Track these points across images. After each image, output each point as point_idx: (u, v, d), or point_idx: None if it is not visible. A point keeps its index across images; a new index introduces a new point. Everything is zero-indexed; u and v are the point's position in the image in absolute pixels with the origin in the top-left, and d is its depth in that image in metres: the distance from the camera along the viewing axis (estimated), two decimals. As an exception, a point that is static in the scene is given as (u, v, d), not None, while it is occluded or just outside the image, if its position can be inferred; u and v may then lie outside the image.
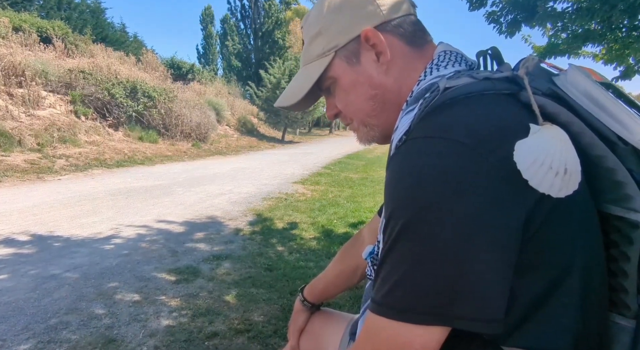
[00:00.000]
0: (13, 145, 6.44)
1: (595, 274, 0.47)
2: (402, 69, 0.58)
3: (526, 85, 0.48)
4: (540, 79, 0.51)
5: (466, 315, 0.41)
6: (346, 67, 0.60)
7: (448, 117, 0.47)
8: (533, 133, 0.43)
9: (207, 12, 30.49)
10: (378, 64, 0.58)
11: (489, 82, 0.50)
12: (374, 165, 9.95)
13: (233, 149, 12.34)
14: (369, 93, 0.59)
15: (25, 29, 9.94)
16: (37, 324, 1.87)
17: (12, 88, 7.66)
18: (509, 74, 0.51)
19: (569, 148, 0.44)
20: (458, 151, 0.42)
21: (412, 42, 0.59)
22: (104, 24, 17.08)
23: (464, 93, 0.49)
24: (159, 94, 10.26)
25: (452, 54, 0.58)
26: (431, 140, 0.45)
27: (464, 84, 0.50)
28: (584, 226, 0.46)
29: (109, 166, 7.16)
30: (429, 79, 0.55)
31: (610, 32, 3.46)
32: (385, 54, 0.57)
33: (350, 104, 0.62)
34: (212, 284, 2.40)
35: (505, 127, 0.45)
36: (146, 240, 3.20)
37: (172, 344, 1.73)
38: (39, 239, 3.11)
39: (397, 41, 0.58)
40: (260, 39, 25.81)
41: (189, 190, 5.35)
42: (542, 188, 0.42)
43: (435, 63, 0.57)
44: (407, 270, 0.43)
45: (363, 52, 0.58)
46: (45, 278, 2.40)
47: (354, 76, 0.59)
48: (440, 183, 0.42)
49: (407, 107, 0.54)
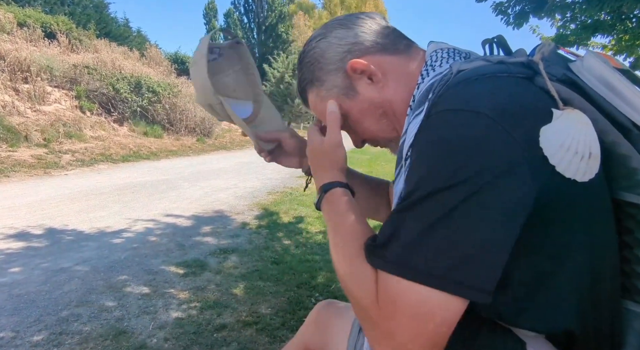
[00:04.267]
0: (20, 141, 6.50)
1: (606, 260, 0.47)
2: (397, 77, 0.60)
3: (541, 71, 0.48)
4: (555, 65, 0.51)
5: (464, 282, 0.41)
6: (348, 102, 0.63)
7: (469, 91, 0.47)
8: (557, 118, 0.43)
9: (210, 6, 30.35)
10: (374, 84, 0.60)
11: (503, 65, 0.50)
12: (379, 159, 9.92)
13: (237, 143, 12.36)
14: (378, 113, 0.62)
15: (29, 24, 9.98)
16: (49, 316, 1.89)
17: (18, 84, 7.71)
18: (524, 59, 0.51)
19: (592, 131, 0.44)
20: (484, 123, 0.42)
21: (394, 50, 0.61)
22: (108, 19, 17.09)
23: (478, 74, 0.49)
24: (163, 89, 10.27)
25: (444, 51, 0.59)
26: (456, 112, 0.44)
27: (477, 66, 0.50)
28: (596, 211, 0.46)
29: (114, 161, 7.21)
30: (427, 81, 0.56)
31: (620, 22, 3.41)
32: (376, 73, 0.59)
33: (368, 130, 0.65)
34: (219, 277, 2.42)
35: (527, 104, 0.45)
36: (153, 234, 3.22)
37: (182, 336, 1.75)
38: (48, 233, 3.15)
39: (381, 56, 0.60)
40: (263, 33, 25.71)
41: (195, 185, 5.37)
42: (569, 173, 0.42)
43: (430, 64, 0.58)
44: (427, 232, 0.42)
45: (355, 82, 0.61)
46: (56, 271, 2.43)
47: (359, 105, 0.62)
48: (468, 154, 0.41)
49: (412, 112, 0.55)
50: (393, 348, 0.43)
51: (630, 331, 0.49)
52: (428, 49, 0.61)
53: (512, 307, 0.46)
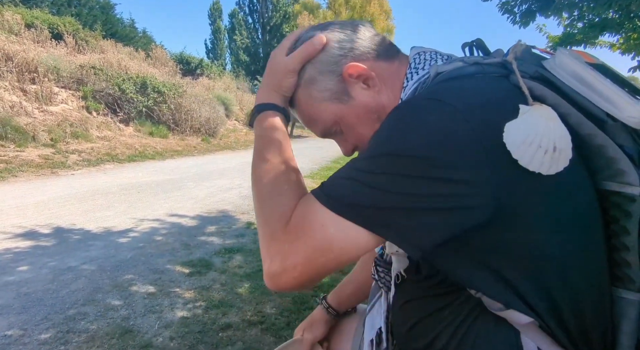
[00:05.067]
0: (27, 141, 6.56)
1: (591, 250, 0.48)
2: (391, 83, 0.62)
3: (514, 69, 0.50)
4: (529, 63, 0.53)
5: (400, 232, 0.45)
6: (342, 107, 0.62)
7: (441, 86, 0.51)
8: (522, 113, 0.45)
9: (215, 6, 30.46)
10: (369, 89, 0.61)
11: (478, 66, 0.54)
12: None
13: (242, 143, 12.39)
14: (372, 118, 0.62)
15: (37, 25, 10.07)
16: (56, 315, 1.91)
17: (26, 84, 7.78)
18: (499, 59, 0.54)
19: (558, 125, 0.45)
20: (444, 110, 0.45)
21: (388, 57, 0.62)
22: (114, 20, 17.21)
23: (456, 75, 0.53)
24: (168, 89, 10.32)
25: (426, 54, 0.62)
26: (423, 101, 0.49)
27: (454, 68, 0.54)
28: (575, 201, 0.47)
29: (120, 161, 7.26)
30: (411, 84, 0.59)
31: (628, 21, 3.37)
32: (372, 78, 0.60)
33: (362, 136, 0.64)
34: (224, 276, 2.43)
35: (493, 100, 0.47)
36: (159, 234, 3.24)
37: (187, 335, 1.76)
38: (55, 232, 3.17)
39: (375, 62, 0.61)
40: (268, 33, 25.75)
41: (200, 185, 5.40)
42: (532, 167, 0.43)
43: (413, 67, 0.61)
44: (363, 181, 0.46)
45: (350, 87, 0.61)
46: (63, 270, 2.45)
47: (353, 111, 0.62)
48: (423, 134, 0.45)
49: None
50: (282, 268, 0.47)
51: (625, 320, 0.49)
52: (411, 53, 0.64)
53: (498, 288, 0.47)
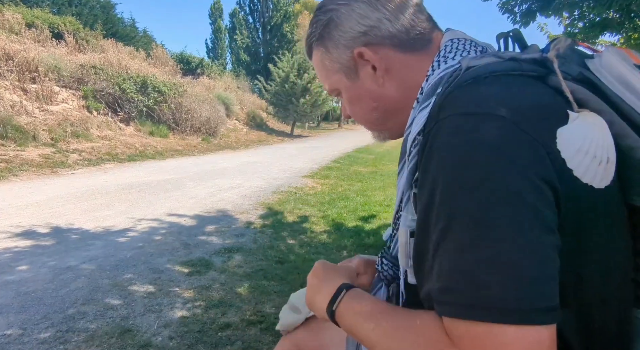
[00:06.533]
0: (28, 140, 6.57)
1: (616, 267, 0.45)
2: (402, 76, 0.57)
3: (555, 69, 0.45)
4: (571, 62, 0.48)
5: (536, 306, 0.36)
6: (347, 82, 0.61)
7: (479, 92, 0.44)
8: (573, 120, 0.42)
9: (215, 6, 30.45)
10: (375, 76, 0.58)
11: (515, 62, 0.47)
12: (384, 159, 9.90)
13: (242, 143, 12.39)
14: (371, 105, 0.60)
15: (37, 25, 10.08)
16: (56, 314, 1.91)
17: (26, 84, 7.79)
18: (537, 56, 0.48)
19: (609, 135, 0.42)
20: (500, 126, 0.40)
21: (410, 48, 0.57)
22: (114, 19, 17.22)
23: (488, 72, 0.46)
24: (169, 89, 10.33)
25: (460, 42, 0.56)
26: (467, 116, 0.42)
27: (487, 63, 0.48)
28: (611, 217, 0.44)
29: (120, 160, 7.26)
30: (437, 73, 0.53)
31: (629, 20, 3.36)
32: (379, 67, 0.57)
33: (356, 114, 0.64)
34: (224, 276, 2.43)
35: (542, 104, 0.43)
36: (159, 233, 3.24)
37: (186, 335, 1.76)
38: (55, 232, 3.18)
39: (392, 52, 0.57)
40: (268, 33, 25.74)
41: (200, 184, 5.40)
42: (586, 178, 0.40)
43: (443, 55, 0.55)
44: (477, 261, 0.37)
45: (360, 68, 0.59)
46: (63, 269, 2.45)
47: (355, 90, 0.60)
48: (488, 160, 0.38)
49: (419, 105, 0.53)
50: None
51: (639, 339, 0.47)
52: (444, 37, 0.58)
53: None
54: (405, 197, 0.50)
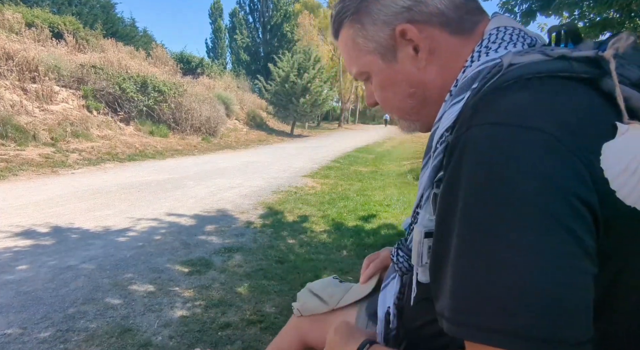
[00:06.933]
0: (28, 140, 6.57)
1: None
2: (445, 61, 0.51)
3: (612, 71, 0.39)
4: (633, 64, 0.43)
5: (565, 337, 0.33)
6: (381, 64, 0.54)
7: (518, 99, 0.39)
8: (621, 134, 0.37)
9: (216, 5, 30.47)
10: (417, 59, 0.52)
11: (565, 61, 0.42)
12: (384, 158, 9.90)
13: (242, 142, 12.39)
14: (407, 91, 0.54)
15: (37, 24, 10.08)
16: (56, 313, 1.91)
17: (26, 83, 7.79)
18: (591, 54, 0.42)
19: None
20: (542, 141, 0.36)
21: (457, 29, 0.51)
22: (114, 19, 17.22)
23: (532, 72, 0.41)
24: (169, 89, 10.33)
25: (507, 32, 0.49)
26: (504, 128, 0.37)
27: (532, 62, 0.42)
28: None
29: (120, 160, 7.26)
30: (476, 65, 0.48)
31: (629, 20, 3.36)
32: (423, 48, 0.51)
33: (387, 100, 0.58)
34: (224, 275, 2.43)
35: (589, 115, 0.38)
36: (159, 233, 3.24)
37: (186, 334, 1.76)
38: (55, 231, 3.18)
39: (438, 32, 0.51)
40: (269, 33, 25.75)
41: (200, 184, 5.40)
42: (630, 201, 0.36)
43: (485, 45, 0.49)
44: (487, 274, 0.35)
45: (400, 48, 0.52)
46: (63, 269, 2.45)
47: (391, 74, 0.54)
48: (523, 179, 0.35)
49: (451, 99, 0.48)
50: None
51: None
52: (490, 24, 0.51)
53: None
54: (426, 194, 0.48)
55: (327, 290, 0.86)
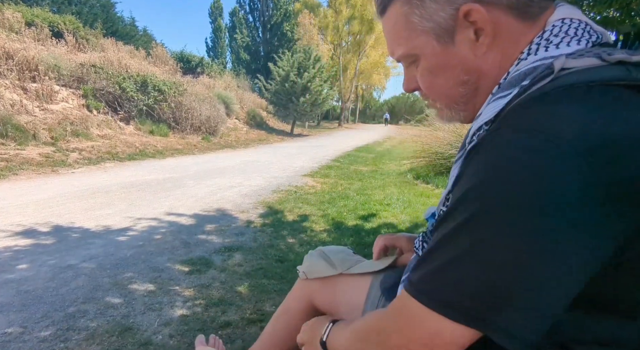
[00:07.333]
0: (28, 139, 6.57)
1: None
2: (506, 48, 0.47)
3: None
4: None
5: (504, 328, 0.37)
6: (436, 46, 0.49)
7: (557, 110, 0.37)
8: None
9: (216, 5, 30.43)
10: (476, 44, 0.47)
11: (622, 68, 0.39)
12: (384, 158, 9.90)
13: (242, 142, 12.39)
14: (461, 78, 0.50)
15: (37, 23, 10.08)
16: (56, 312, 1.91)
17: (26, 82, 7.79)
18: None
19: None
20: (556, 154, 0.35)
21: (524, 13, 0.46)
22: (114, 18, 17.22)
23: (584, 81, 0.39)
24: (169, 88, 10.32)
25: (572, 25, 0.45)
26: (531, 133, 0.37)
27: (586, 68, 0.40)
28: None
29: (121, 159, 7.26)
30: (532, 59, 0.44)
31: (629, 19, 3.35)
32: (487, 33, 0.46)
33: (435, 87, 0.53)
34: (224, 274, 2.43)
35: (632, 137, 0.36)
36: (159, 232, 3.25)
37: (187, 333, 1.76)
38: (55, 230, 3.18)
39: (504, 15, 0.46)
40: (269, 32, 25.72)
41: (200, 183, 5.40)
42: None
43: (546, 37, 0.45)
44: (458, 261, 0.38)
45: (459, 30, 0.47)
46: (63, 268, 2.45)
47: (445, 58, 0.49)
48: (528, 186, 0.35)
49: (498, 92, 0.46)
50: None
51: None
52: (554, 13, 0.47)
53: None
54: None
55: (339, 255, 0.85)
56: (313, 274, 0.85)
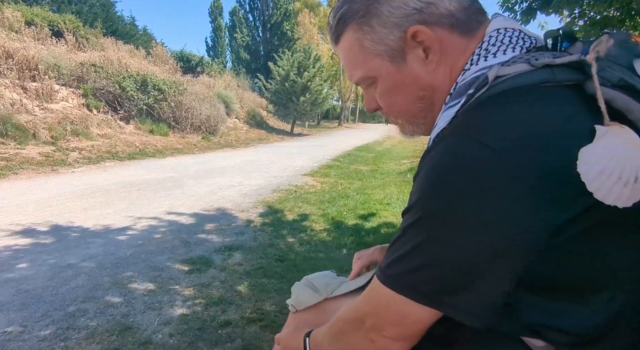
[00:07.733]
0: (28, 139, 6.57)
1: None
2: (453, 62, 0.52)
3: (593, 75, 0.41)
4: (616, 64, 0.44)
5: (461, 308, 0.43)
6: (390, 67, 0.53)
7: (486, 115, 0.43)
8: (599, 137, 0.38)
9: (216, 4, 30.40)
10: (426, 61, 0.52)
11: (548, 71, 0.44)
12: (384, 157, 9.90)
13: (242, 141, 12.39)
14: (417, 94, 0.54)
15: (37, 23, 10.07)
16: (56, 311, 1.92)
17: (26, 82, 7.78)
18: (575, 59, 0.43)
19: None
20: (483, 155, 0.40)
21: (465, 29, 0.51)
22: (114, 18, 17.20)
23: (515, 86, 0.43)
24: (169, 87, 10.31)
25: (507, 34, 0.50)
26: (459, 139, 0.43)
27: (516, 74, 0.44)
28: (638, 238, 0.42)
29: (120, 159, 7.26)
30: (475, 69, 0.49)
31: (629, 18, 3.36)
32: (434, 50, 0.51)
33: (394, 105, 0.57)
34: (224, 274, 2.43)
35: (553, 131, 0.40)
36: (159, 231, 3.25)
37: (186, 332, 1.76)
38: (55, 230, 3.18)
39: (447, 33, 0.51)
40: (269, 31, 25.71)
41: (200, 183, 5.40)
42: (609, 200, 0.38)
43: (485, 47, 0.50)
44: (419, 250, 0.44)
45: (409, 50, 0.52)
46: (63, 267, 2.45)
47: (400, 77, 0.54)
48: (458, 186, 0.41)
49: (449, 101, 0.50)
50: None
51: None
52: (490, 25, 0.52)
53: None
54: None
55: (323, 281, 0.86)
56: (301, 304, 0.84)
